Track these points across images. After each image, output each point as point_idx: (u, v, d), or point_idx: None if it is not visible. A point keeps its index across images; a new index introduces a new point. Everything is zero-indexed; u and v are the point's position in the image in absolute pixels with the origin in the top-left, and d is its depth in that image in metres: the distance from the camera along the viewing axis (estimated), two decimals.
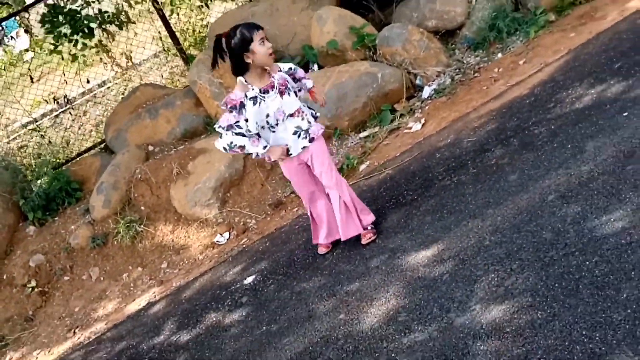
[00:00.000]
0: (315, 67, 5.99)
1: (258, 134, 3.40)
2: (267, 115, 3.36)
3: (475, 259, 2.99)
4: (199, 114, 6.02)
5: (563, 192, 3.10)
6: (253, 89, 3.30)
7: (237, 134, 3.32)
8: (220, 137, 3.39)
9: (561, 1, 5.36)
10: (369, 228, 3.66)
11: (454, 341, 2.57)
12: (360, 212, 3.61)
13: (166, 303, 4.44)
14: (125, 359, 3.95)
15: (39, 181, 6.20)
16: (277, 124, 3.41)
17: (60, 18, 5.80)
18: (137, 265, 5.16)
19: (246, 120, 3.31)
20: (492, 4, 5.52)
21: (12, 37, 14.70)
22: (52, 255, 5.45)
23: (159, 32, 8.63)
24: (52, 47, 5.87)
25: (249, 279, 4.04)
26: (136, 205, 5.43)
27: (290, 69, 3.52)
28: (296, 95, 3.50)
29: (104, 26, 6.75)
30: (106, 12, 6.70)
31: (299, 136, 3.46)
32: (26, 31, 13.23)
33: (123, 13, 7.42)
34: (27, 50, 13.90)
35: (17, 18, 10.71)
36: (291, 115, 3.43)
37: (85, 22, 5.63)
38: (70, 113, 9.37)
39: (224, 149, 3.38)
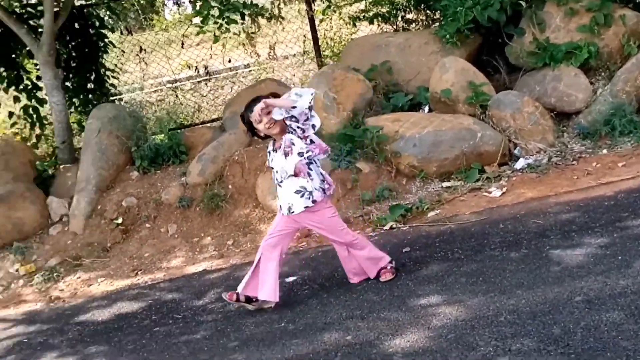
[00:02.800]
0: (426, 108, 6.21)
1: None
2: (277, 172, 3.73)
3: (484, 330, 3.13)
4: None
5: (591, 298, 3.15)
6: (271, 146, 3.80)
7: None
8: None
9: None
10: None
11: None
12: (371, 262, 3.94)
13: (218, 275, 4.88)
14: (165, 310, 4.41)
15: (155, 136, 6.90)
16: (282, 181, 3.72)
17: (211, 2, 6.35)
18: (208, 235, 5.65)
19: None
20: (615, 101, 5.48)
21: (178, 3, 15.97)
22: (144, 202, 6.08)
23: (304, 36, 9.17)
24: (200, 26, 6.47)
25: (291, 279, 4.37)
26: (225, 182, 5.94)
27: (299, 113, 3.53)
28: (303, 155, 3.62)
29: (254, 16, 7.35)
30: (256, 4, 7.26)
31: (302, 196, 3.66)
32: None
33: (276, 8, 8.01)
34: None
35: None
36: (295, 175, 3.65)
37: (233, 8, 6.14)
38: (206, 84, 10.16)
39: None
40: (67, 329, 4.46)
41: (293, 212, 3.71)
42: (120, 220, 5.95)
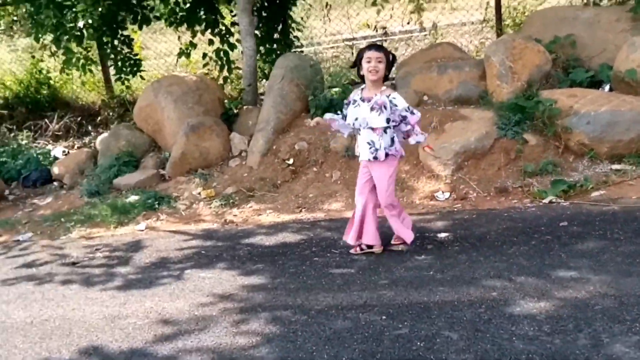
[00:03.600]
0: (607, 87, 5.99)
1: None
2: (356, 119, 4.15)
3: (634, 308, 3.14)
4: (478, 86, 6.47)
5: None
6: (359, 95, 4.18)
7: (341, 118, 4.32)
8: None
9: None
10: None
11: (568, 353, 2.86)
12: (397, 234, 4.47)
13: None
14: (324, 244, 4.82)
15: (330, 88, 7.32)
16: (360, 128, 4.18)
17: None
18: None
19: (345, 116, 4.25)
20: None
21: None
22: (313, 147, 6.56)
23: (487, 3, 9.06)
24: None
25: (443, 235, 4.58)
26: None
27: (401, 108, 4.08)
28: (389, 122, 4.10)
29: None
30: None
31: (369, 148, 4.17)
32: None
33: None
34: None
35: None
36: (372, 129, 4.11)
37: None
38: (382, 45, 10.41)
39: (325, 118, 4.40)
40: (237, 248, 5.05)
41: (360, 157, 4.27)
42: (291, 161, 6.49)
